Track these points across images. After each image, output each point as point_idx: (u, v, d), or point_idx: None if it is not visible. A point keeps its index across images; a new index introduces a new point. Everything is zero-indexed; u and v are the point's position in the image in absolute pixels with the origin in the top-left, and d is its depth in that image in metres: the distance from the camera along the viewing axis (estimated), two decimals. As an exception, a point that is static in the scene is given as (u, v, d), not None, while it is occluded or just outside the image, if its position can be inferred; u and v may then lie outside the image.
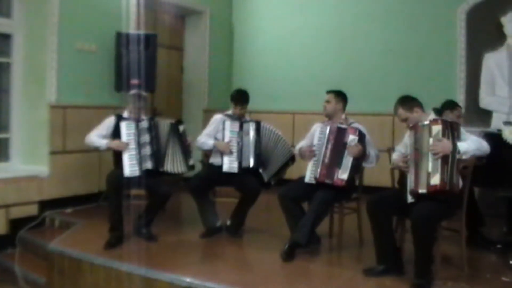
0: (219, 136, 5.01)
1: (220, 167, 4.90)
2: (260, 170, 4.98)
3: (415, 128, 3.82)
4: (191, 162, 4.93)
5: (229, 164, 4.87)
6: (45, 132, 5.77)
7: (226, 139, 4.93)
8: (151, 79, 6.35)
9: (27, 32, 5.90)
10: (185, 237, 4.99)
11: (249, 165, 4.91)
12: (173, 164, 4.86)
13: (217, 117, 5.12)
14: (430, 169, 3.62)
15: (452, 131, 3.66)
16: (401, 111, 3.96)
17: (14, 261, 4.97)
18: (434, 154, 3.60)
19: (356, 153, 4.32)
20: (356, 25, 7.40)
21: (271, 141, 5.04)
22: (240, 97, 5.06)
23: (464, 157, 3.68)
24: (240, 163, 4.90)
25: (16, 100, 5.90)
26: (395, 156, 4.18)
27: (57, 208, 5.79)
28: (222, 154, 4.91)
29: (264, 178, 4.99)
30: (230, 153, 4.89)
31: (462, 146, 3.65)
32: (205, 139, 5.04)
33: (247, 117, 5.18)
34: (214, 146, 4.98)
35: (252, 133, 4.96)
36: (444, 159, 3.60)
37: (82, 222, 5.39)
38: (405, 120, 3.95)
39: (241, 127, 4.98)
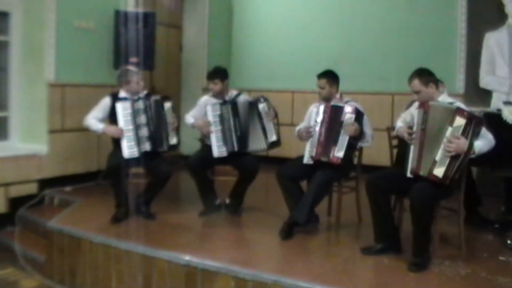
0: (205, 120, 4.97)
1: None
2: (248, 149, 4.94)
3: (424, 106, 3.72)
4: (173, 141, 4.85)
5: (218, 149, 4.85)
6: (44, 110, 5.75)
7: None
8: (150, 57, 6.31)
9: (25, 10, 5.83)
10: (184, 216, 5.00)
11: (234, 149, 4.89)
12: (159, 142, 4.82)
13: (202, 100, 5.12)
14: (437, 158, 3.57)
15: (473, 129, 3.53)
16: (416, 82, 3.82)
17: (14, 239, 4.99)
18: (447, 151, 3.54)
19: (352, 131, 4.27)
20: (355, 4, 7.32)
21: (246, 114, 4.94)
22: (211, 73, 5.03)
23: (473, 156, 3.62)
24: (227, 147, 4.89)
25: (14, 78, 5.86)
26: (400, 123, 4.08)
27: (56, 186, 5.81)
28: (208, 135, 4.88)
29: (253, 151, 4.96)
30: (210, 131, 4.83)
31: (477, 146, 3.57)
32: (188, 119, 5.06)
33: (232, 92, 5.10)
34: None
35: (230, 116, 4.91)
36: (456, 156, 3.53)
37: (81, 200, 5.40)
38: (417, 92, 3.84)
39: (221, 110, 4.93)
